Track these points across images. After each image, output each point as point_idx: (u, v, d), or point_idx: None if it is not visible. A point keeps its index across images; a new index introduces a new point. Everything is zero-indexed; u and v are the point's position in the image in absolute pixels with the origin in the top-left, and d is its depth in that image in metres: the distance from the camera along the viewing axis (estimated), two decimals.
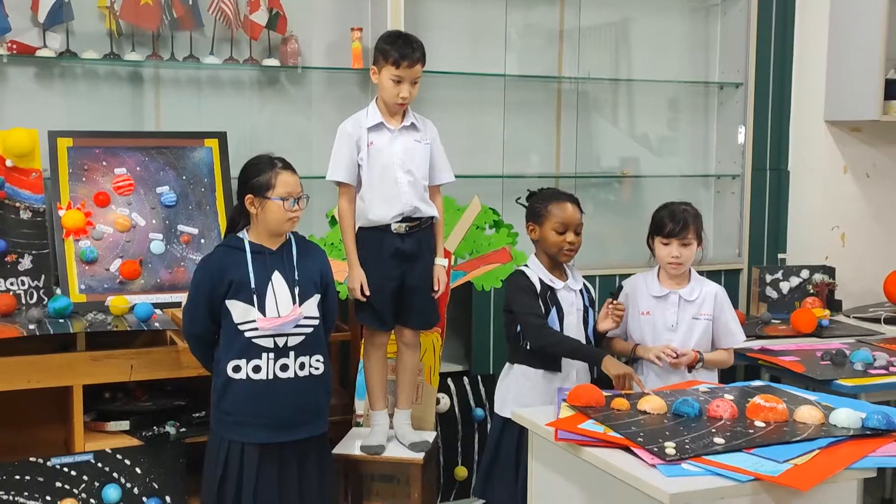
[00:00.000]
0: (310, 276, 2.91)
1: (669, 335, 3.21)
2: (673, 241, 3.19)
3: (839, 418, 2.41)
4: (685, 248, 3.19)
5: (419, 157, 3.14)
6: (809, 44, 4.55)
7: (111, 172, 3.49)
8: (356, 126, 3.13)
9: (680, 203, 3.27)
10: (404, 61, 3.04)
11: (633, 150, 4.64)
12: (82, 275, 3.34)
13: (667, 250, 3.20)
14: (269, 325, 2.80)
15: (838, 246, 4.59)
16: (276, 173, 2.84)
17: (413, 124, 3.16)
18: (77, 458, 3.05)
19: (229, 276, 2.81)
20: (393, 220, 3.11)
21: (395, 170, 3.09)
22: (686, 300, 3.22)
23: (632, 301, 3.29)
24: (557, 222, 3.14)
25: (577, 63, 4.37)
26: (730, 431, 2.36)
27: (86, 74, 3.65)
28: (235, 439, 2.83)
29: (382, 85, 3.08)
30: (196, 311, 2.85)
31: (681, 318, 3.21)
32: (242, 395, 2.82)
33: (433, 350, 3.55)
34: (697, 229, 3.22)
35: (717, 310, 3.23)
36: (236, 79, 3.87)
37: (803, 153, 4.64)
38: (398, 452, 3.21)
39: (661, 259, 3.24)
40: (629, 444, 2.29)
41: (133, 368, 3.12)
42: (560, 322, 3.11)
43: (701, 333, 3.21)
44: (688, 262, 3.22)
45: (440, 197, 3.28)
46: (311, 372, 2.88)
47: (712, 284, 3.30)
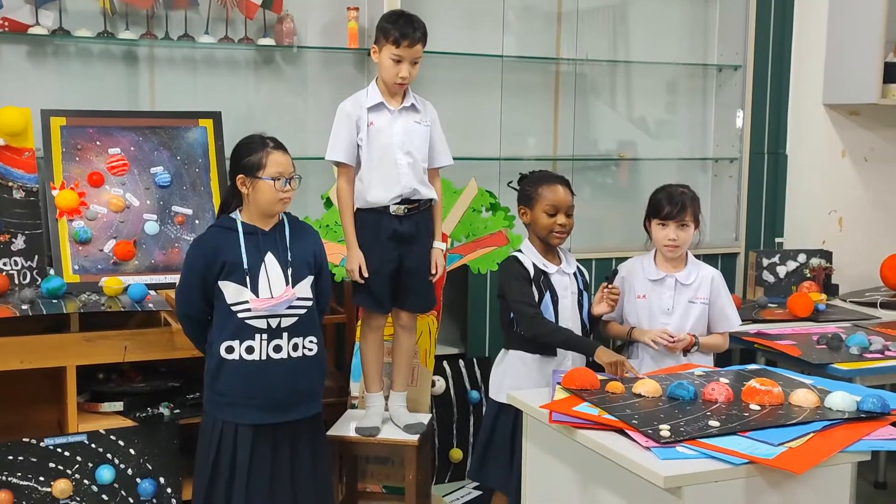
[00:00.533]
0: (303, 257, 2.90)
1: (665, 319, 3.20)
2: (670, 223, 3.17)
3: (834, 401, 2.41)
4: (682, 231, 3.18)
5: (419, 138, 3.11)
6: (808, 26, 4.52)
7: (105, 152, 3.46)
8: (356, 106, 3.10)
9: (678, 185, 3.26)
10: (405, 40, 3.01)
11: (631, 133, 4.62)
12: (76, 255, 3.32)
13: (664, 233, 3.19)
14: (261, 306, 2.78)
15: (836, 230, 4.58)
16: (267, 153, 2.82)
17: (413, 105, 3.12)
18: (70, 438, 3.04)
19: (222, 257, 2.80)
20: (392, 202, 3.08)
21: (394, 151, 3.07)
22: (682, 284, 3.21)
23: (628, 284, 3.28)
24: (548, 204, 3.13)
25: (576, 45, 4.34)
26: (725, 415, 2.36)
27: (79, 53, 3.62)
28: (229, 420, 2.82)
29: (382, 64, 3.06)
30: (189, 291, 2.84)
31: (677, 302, 3.20)
32: (235, 376, 2.80)
33: (429, 333, 3.54)
34: (695, 212, 3.20)
35: (714, 294, 3.22)
36: (231, 58, 3.84)
37: (801, 137, 4.62)
38: (393, 434, 3.20)
39: (657, 241, 3.22)
40: (624, 427, 2.28)
41: (127, 349, 3.11)
42: (554, 306, 3.10)
43: (697, 317, 3.20)
44: (685, 245, 3.20)
45: (439, 180, 3.25)
46: (304, 353, 2.87)
47: (709, 268, 3.28)
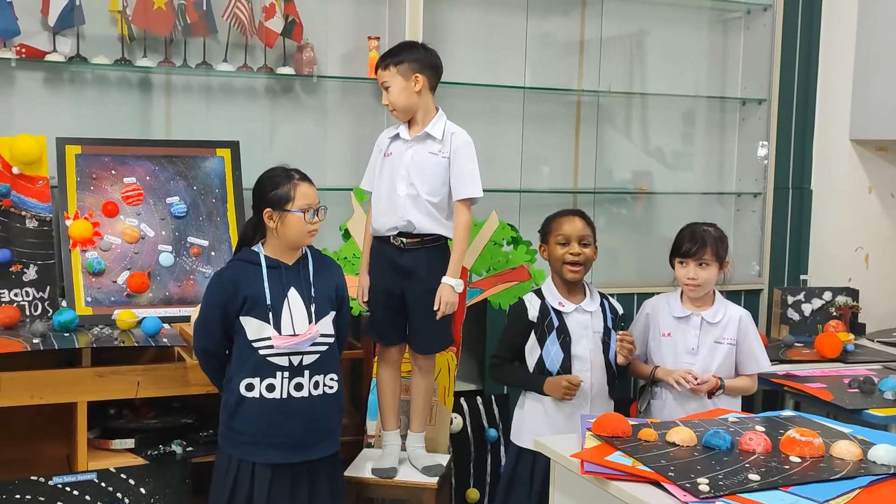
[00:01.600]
0: (326, 292, 2.84)
1: (690, 358, 3.12)
2: (689, 261, 3.12)
3: (879, 454, 2.31)
4: (702, 270, 3.11)
5: (428, 170, 3.03)
6: (835, 60, 4.45)
7: (120, 181, 3.39)
8: (384, 136, 3.14)
9: (703, 223, 3.20)
10: (378, 68, 3.07)
11: (652, 166, 4.55)
12: (89, 287, 3.24)
13: (684, 271, 3.13)
14: (285, 344, 2.72)
15: (862, 267, 4.49)
16: (294, 185, 2.77)
17: (428, 134, 3.05)
18: (80, 476, 2.95)
19: (244, 291, 2.73)
20: (389, 233, 3.03)
21: (397, 181, 3.02)
22: (708, 323, 3.13)
23: (653, 321, 3.21)
24: (559, 234, 3.10)
25: (598, 76, 4.28)
26: (764, 467, 2.26)
27: (96, 80, 3.56)
28: (246, 458, 2.75)
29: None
30: (210, 326, 2.76)
31: (702, 342, 3.12)
32: (255, 414, 2.74)
33: (448, 370, 3.45)
34: (718, 251, 3.13)
35: (741, 334, 3.14)
36: (250, 87, 3.78)
37: (827, 172, 4.54)
38: (411, 476, 3.12)
39: (679, 279, 3.17)
40: (660, 479, 2.19)
41: (139, 385, 3.03)
42: (566, 348, 3.02)
43: (723, 358, 3.12)
44: (707, 284, 3.13)
45: (464, 213, 3.06)
46: (324, 391, 2.81)
47: (737, 308, 3.20)
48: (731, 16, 4.56)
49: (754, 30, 4.51)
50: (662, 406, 3.15)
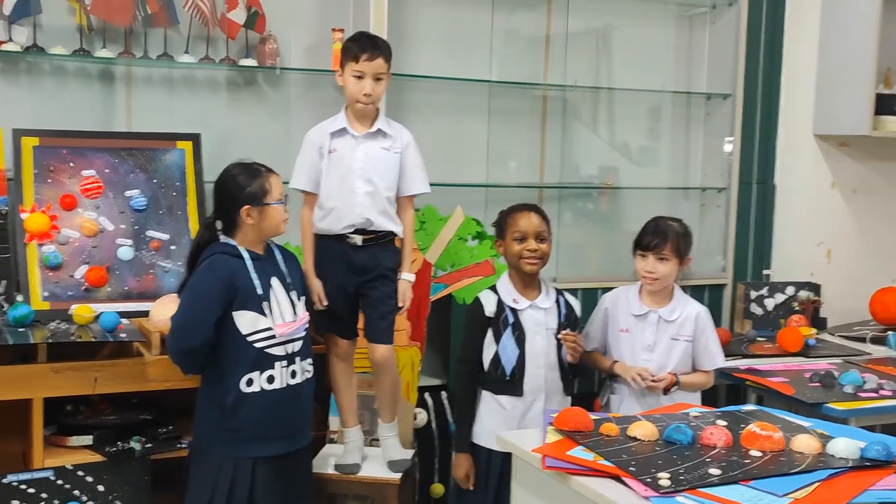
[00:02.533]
0: (298, 279, 2.91)
1: (647, 355, 3.14)
2: (649, 254, 3.13)
3: (837, 448, 2.32)
4: (661, 264, 3.12)
5: (384, 166, 3.02)
6: (799, 56, 4.48)
7: (78, 174, 3.33)
8: (320, 133, 3.05)
9: (670, 218, 3.20)
10: (363, 54, 2.97)
11: (618, 161, 4.54)
12: (46, 281, 3.19)
13: (643, 263, 3.15)
14: (285, 331, 2.78)
15: (824, 262, 4.53)
16: (267, 178, 2.80)
17: (381, 130, 3.03)
18: (36, 474, 2.89)
19: (236, 284, 2.73)
20: (345, 231, 3.00)
21: (353, 178, 2.98)
22: (665, 320, 3.15)
23: (612, 316, 3.23)
24: (516, 230, 3.10)
25: (564, 70, 4.27)
26: (725, 461, 2.26)
27: (54, 71, 3.50)
28: (247, 455, 2.75)
29: (346, 84, 3.02)
30: (197, 324, 2.71)
31: (659, 339, 3.14)
32: (259, 409, 2.76)
33: (412, 366, 3.43)
34: (679, 246, 3.13)
35: (698, 331, 3.16)
36: (212, 79, 3.73)
37: (790, 167, 4.56)
38: (374, 472, 3.11)
39: (638, 272, 3.18)
40: (620, 474, 2.18)
41: (97, 381, 2.97)
42: (521, 344, 3.02)
43: (680, 354, 3.15)
44: (664, 279, 3.13)
45: (411, 209, 3.13)
46: (306, 377, 2.88)
47: (695, 304, 3.22)
48: (696, 11, 4.56)
49: (719, 25, 4.51)
50: (620, 401, 3.17)
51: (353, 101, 3.00)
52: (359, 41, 3.02)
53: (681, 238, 3.13)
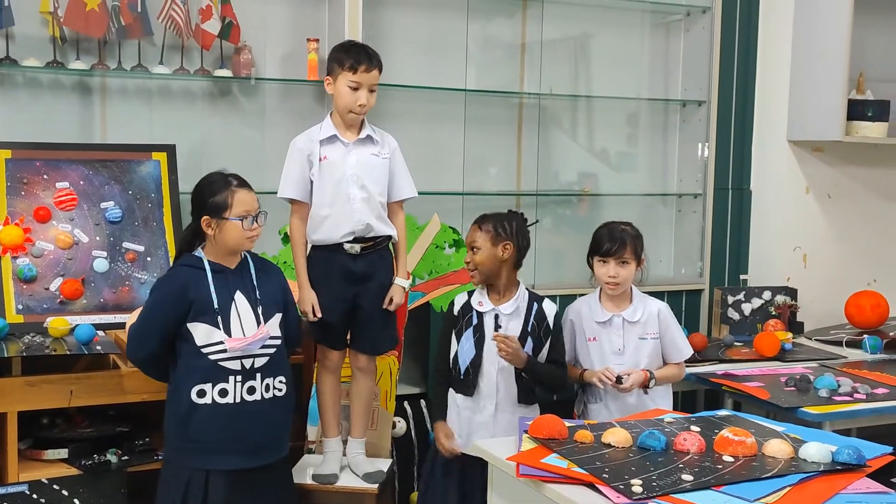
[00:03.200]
0: (271, 295, 2.84)
1: (617, 359, 3.17)
2: (610, 260, 3.16)
3: (809, 452, 2.34)
4: (622, 268, 3.15)
5: (376, 171, 3.03)
6: (772, 63, 4.51)
7: (53, 186, 3.32)
8: (308, 141, 3.03)
9: (619, 222, 3.26)
10: (361, 65, 2.95)
11: (594, 168, 4.56)
12: (20, 294, 3.17)
13: (604, 269, 3.17)
14: (237, 345, 2.70)
15: (800, 267, 4.56)
16: (232, 192, 2.74)
17: (370, 137, 3.05)
18: (10, 489, 2.87)
19: (190, 297, 2.70)
20: (343, 240, 2.99)
21: (348, 185, 2.98)
22: (629, 322, 3.19)
23: (577, 328, 3.26)
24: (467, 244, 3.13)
25: (539, 78, 4.28)
26: (698, 467, 2.28)
27: (27, 83, 3.48)
28: (199, 467, 2.72)
29: (339, 92, 2.98)
30: (148, 334, 2.72)
31: (627, 341, 3.18)
32: (209, 421, 2.71)
33: (389, 374, 3.43)
34: (636, 249, 3.19)
35: (663, 326, 3.21)
36: (187, 90, 3.72)
37: (765, 173, 4.59)
38: (351, 482, 3.10)
39: (599, 278, 3.21)
40: (594, 481, 2.19)
41: (73, 394, 2.96)
42: (479, 346, 3.04)
43: (650, 353, 3.18)
44: (625, 283, 3.18)
45: (402, 214, 3.17)
46: (274, 394, 2.80)
47: (655, 302, 3.26)
48: (671, 18, 4.59)
49: (693, 32, 4.55)
50: (600, 409, 3.18)
51: (346, 110, 2.98)
52: (355, 51, 2.99)
53: (636, 241, 3.20)
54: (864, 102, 4.29)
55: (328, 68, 3.02)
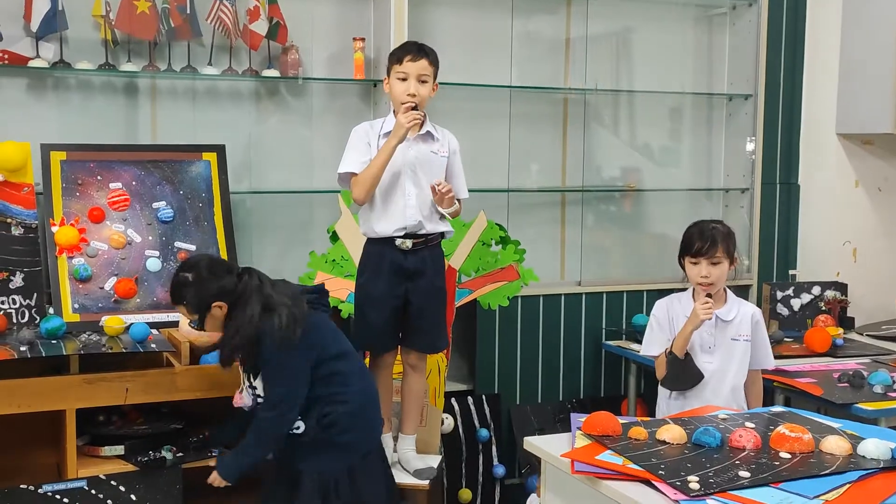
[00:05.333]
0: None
1: (707, 357, 3.14)
2: (702, 259, 3.11)
3: (868, 449, 2.30)
4: (714, 268, 3.11)
5: (434, 169, 3.03)
6: (821, 55, 4.46)
7: (106, 187, 3.38)
8: (370, 130, 3.04)
9: (710, 221, 3.22)
10: (406, 56, 2.97)
11: (639, 163, 4.54)
12: (76, 293, 3.23)
13: (696, 269, 3.12)
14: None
15: (850, 261, 4.50)
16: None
17: (430, 133, 3.04)
18: (70, 484, 2.92)
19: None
20: (396, 234, 3.00)
21: (404, 181, 2.99)
22: (723, 320, 3.15)
23: (666, 323, 3.21)
24: None
25: (584, 74, 4.27)
26: (754, 464, 2.25)
27: (80, 85, 3.54)
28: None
29: (392, 89, 3.00)
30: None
31: (718, 341, 3.14)
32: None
33: (438, 371, 3.44)
34: (728, 247, 3.14)
35: (755, 330, 3.18)
36: (235, 90, 3.76)
37: (814, 166, 4.54)
38: (403, 479, 3.10)
39: (691, 279, 3.16)
40: (650, 478, 2.18)
41: (128, 391, 3.00)
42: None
43: (741, 355, 3.16)
44: (719, 282, 3.13)
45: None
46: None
47: (749, 305, 3.25)
48: (716, 12, 4.55)
49: (739, 25, 4.51)
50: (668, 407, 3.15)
51: (399, 102, 2.98)
52: (403, 46, 3.05)
53: (728, 239, 3.15)
54: None
55: (386, 69, 3.05)
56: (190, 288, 2.72)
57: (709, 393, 3.12)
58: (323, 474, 2.76)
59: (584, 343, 4.24)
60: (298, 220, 3.85)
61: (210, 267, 2.75)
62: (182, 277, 2.74)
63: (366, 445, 2.84)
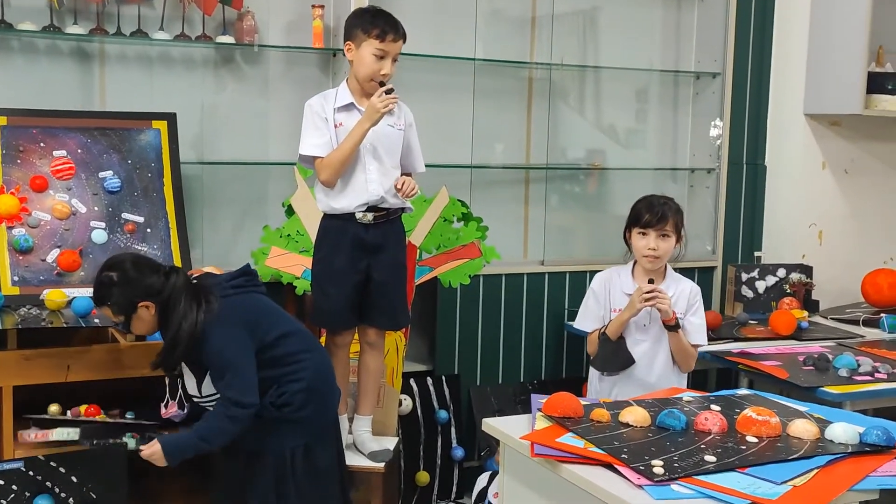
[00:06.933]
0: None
1: (641, 335, 3.10)
2: (650, 231, 3.06)
3: (836, 433, 2.24)
4: (663, 241, 3.06)
5: (392, 143, 2.93)
6: (790, 34, 4.39)
7: (49, 155, 3.22)
8: (323, 105, 2.90)
9: (661, 196, 3.16)
10: (388, 35, 2.84)
11: (604, 142, 4.45)
12: (15, 266, 3.07)
13: (644, 241, 3.07)
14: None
15: (815, 244, 4.46)
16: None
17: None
18: (4, 465, 2.79)
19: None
20: (357, 210, 2.88)
21: (364, 156, 2.87)
22: None
23: (604, 297, 3.16)
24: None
25: (550, 50, 4.17)
26: (720, 447, 2.18)
27: (23, 48, 3.37)
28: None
29: (362, 60, 2.86)
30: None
31: (654, 317, 3.07)
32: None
33: (396, 350, 3.34)
34: (677, 223, 3.10)
35: (691, 307, 3.13)
36: (188, 57, 3.61)
37: (781, 147, 4.49)
38: (357, 461, 3.01)
39: (637, 251, 3.10)
40: (612, 461, 2.10)
41: (70, 369, 2.87)
42: None
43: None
44: (665, 256, 3.09)
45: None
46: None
47: (688, 282, 3.19)
48: None
49: (708, 2, 4.42)
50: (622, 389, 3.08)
51: (368, 78, 2.86)
52: (382, 19, 2.87)
53: (679, 215, 3.11)
54: (884, 75, 4.17)
55: (349, 33, 2.89)
56: (115, 288, 2.57)
57: (639, 375, 3.08)
58: (278, 452, 2.66)
59: (546, 323, 4.16)
60: (253, 193, 3.72)
61: (136, 265, 2.60)
62: (106, 277, 2.58)
63: (322, 419, 2.73)
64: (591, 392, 3.20)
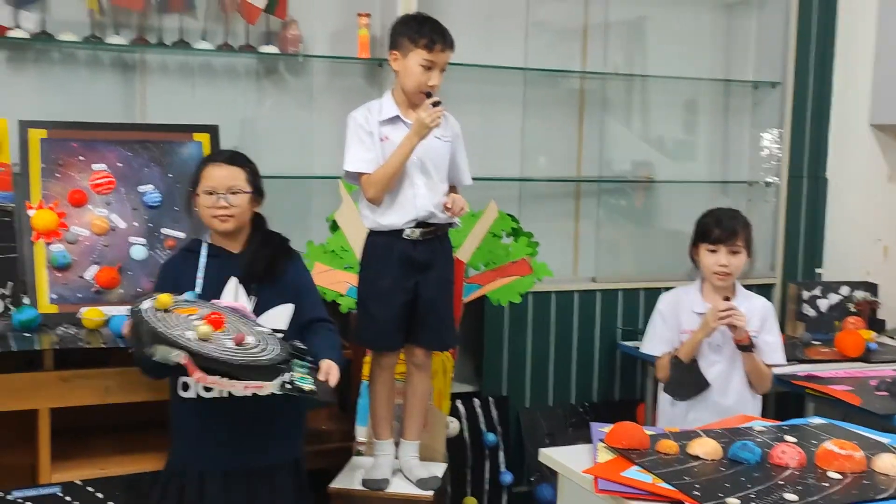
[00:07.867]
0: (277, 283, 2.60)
1: (714, 356, 2.96)
2: (721, 247, 2.92)
3: None
4: (734, 257, 2.93)
5: (439, 156, 2.80)
6: (855, 41, 4.22)
7: (89, 168, 3.13)
8: (367, 118, 2.78)
9: (728, 209, 3.02)
10: (437, 45, 2.72)
11: (659, 154, 4.31)
12: (53, 283, 2.98)
13: (713, 258, 2.93)
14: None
15: (881, 260, 4.26)
16: (204, 166, 2.61)
17: None
18: (42, 490, 2.70)
19: (180, 282, 2.54)
20: (406, 226, 2.77)
21: (411, 170, 2.75)
22: None
23: (673, 318, 3.02)
24: None
25: (604, 59, 4.02)
26: (801, 485, 2.02)
27: (63, 59, 3.31)
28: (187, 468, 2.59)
29: (409, 71, 2.73)
30: None
31: (727, 337, 2.92)
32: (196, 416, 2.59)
33: (443, 372, 3.20)
34: (747, 237, 2.98)
35: (764, 324, 2.99)
36: (230, 67, 3.52)
37: (844, 159, 4.31)
38: (404, 488, 2.88)
39: (706, 268, 2.95)
40: (683, 499, 1.95)
41: (108, 390, 2.78)
42: None
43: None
44: (736, 273, 2.97)
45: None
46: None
47: (760, 299, 3.05)
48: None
49: (768, 9, 4.27)
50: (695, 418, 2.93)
51: (416, 90, 2.74)
52: (429, 28, 2.75)
53: (748, 229, 3.00)
54: None
55: (395, 42, 2.76)
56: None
57: (715, 398, 2.94)
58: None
59: (598, 343, 4.00)
60: (296, 208, 3.62)
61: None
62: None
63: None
64: (661, 419, 3.03)
